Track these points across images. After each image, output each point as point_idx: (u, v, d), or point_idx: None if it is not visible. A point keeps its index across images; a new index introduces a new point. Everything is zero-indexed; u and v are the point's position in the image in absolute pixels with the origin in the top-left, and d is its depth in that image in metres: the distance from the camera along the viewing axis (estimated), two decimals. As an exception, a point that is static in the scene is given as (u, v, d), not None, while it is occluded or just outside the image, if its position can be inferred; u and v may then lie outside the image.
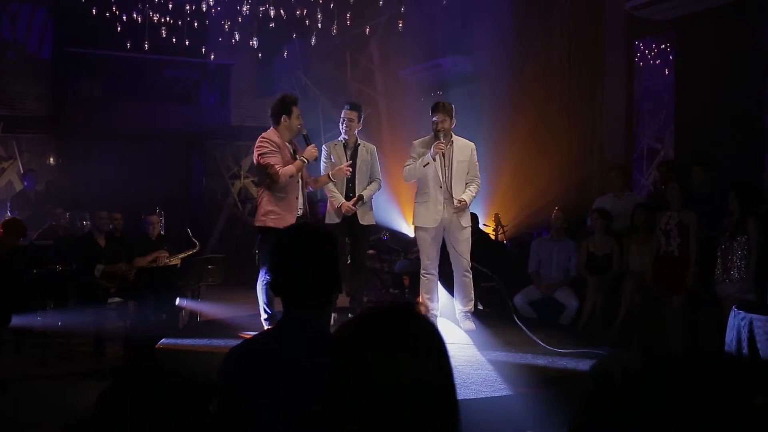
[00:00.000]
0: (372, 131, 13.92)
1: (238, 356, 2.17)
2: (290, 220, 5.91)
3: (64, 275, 7.08)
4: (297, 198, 5.98)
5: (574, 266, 7.43)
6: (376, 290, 10.08)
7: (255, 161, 5.95)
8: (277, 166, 5.74)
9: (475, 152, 6.36)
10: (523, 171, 10.05)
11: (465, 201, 6.17)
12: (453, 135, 6.35)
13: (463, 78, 11.85)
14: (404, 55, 12.88)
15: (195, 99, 13.79)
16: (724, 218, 6.17)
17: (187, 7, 10.72)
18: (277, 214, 5.80)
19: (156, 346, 5.55)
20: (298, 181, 5.96)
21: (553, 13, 10.06)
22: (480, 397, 4.36)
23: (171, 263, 7.63)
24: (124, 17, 10.45)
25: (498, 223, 9.29)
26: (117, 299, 7.06)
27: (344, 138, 6.60)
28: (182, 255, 7.77)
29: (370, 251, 10.20)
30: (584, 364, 5.10)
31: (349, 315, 6.39)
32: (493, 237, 9.30)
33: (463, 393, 4.43)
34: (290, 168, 5.80)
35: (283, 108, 5.93)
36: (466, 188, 6.25)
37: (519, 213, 9.96)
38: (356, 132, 6.69)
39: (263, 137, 5.89)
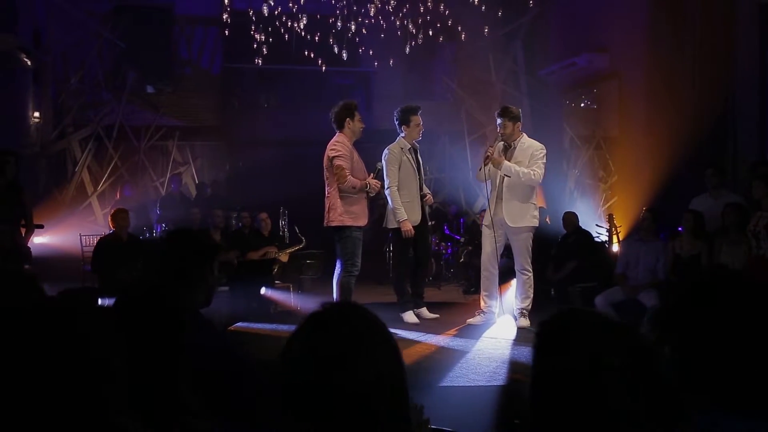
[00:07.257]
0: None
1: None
2: (364, 219, 6.43)
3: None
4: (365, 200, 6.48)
5: (662, 268, 7.14)
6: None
7: (328, 161, 6.39)
8: (346, 171, 6.23)
9: (539, 152, 6.38)
10: (650, 169, 9.70)
11: (494, 157, 6.23)
12: (522, 136, 6.47)
13: (598, 76, 11.58)
14: (544, 55, 12.80)
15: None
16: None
17: (334, 19, 11.51)
18: (354, 213, 6.31)
19: (228, 328, 6.24)
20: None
21: (685, 9, 9.60)
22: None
23: (279, 258, 8.34)
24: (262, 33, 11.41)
25: (612, 223, 9.07)
26: (224, 288, 7.89)
27: (415, 142, 6.88)
28: (290, 250, 8.47)
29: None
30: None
31: (400, 313, 6.70)
32: (606, 237, 9.10)
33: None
34: (356, 182, 6.29)
35: (346, 112, 6.41)
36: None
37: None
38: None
39: (338, 141, 6.38)
